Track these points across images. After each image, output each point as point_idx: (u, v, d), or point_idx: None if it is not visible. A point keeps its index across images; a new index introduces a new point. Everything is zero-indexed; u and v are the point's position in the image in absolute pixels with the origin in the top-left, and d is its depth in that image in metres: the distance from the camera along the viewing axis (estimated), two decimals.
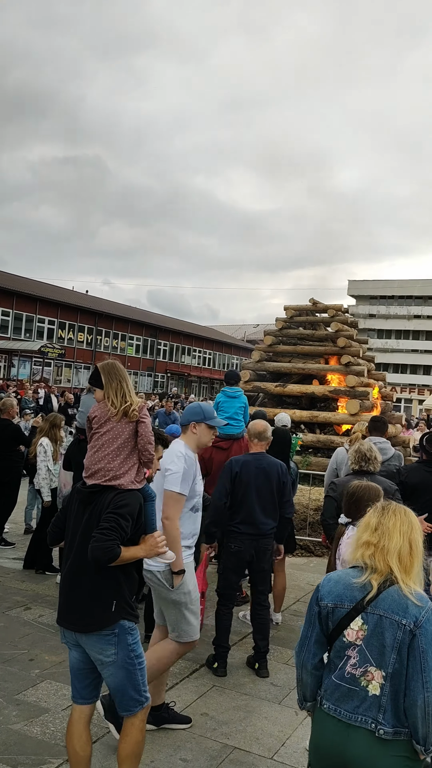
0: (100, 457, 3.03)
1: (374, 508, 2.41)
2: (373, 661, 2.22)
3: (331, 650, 2.34)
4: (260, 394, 13.12)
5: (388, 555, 2.26)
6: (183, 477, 3.78)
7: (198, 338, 59.00)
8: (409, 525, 2.31)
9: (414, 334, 59.90)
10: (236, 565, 4.87)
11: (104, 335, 47.58)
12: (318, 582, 2.45)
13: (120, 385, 3.13)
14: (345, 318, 13.71)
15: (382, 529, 2.31)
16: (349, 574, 2.34)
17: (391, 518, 2.32)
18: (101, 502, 2.97)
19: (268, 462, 4.90)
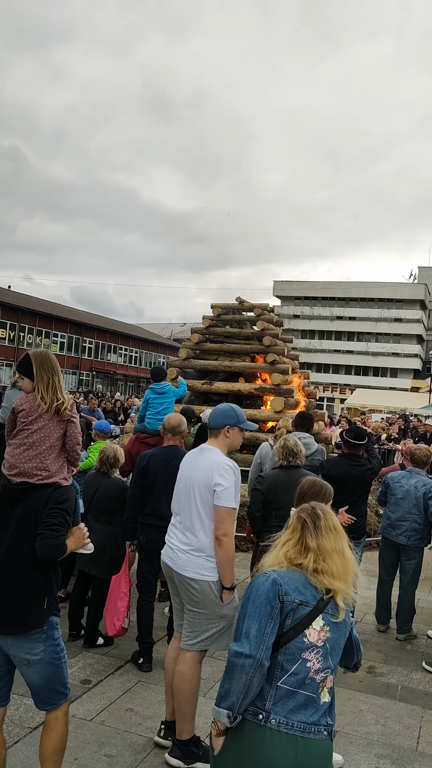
0: (31, 456, 2.94)
1: (302, 523, 2.30)
2: (332, 665, 2.17)
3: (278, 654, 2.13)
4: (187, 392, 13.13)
5: (336, 578, 2.21)
6: (235, 491, 3.61)
7: (124, 336, 58.46)
8: (339, 538, 2.28)
9: (336, 335, 61.56)
10: (148, 556, 4.87)
11: (27, 332, 46.36)
12: (244, 577, 2.41)
13: (51, 380, 3.03)
14: (271, 317, 13.93)
15: (323, 553, 2.23)
16: (299, 574, 2.23)
17: (326, 538, 2.25)
18: (35, 499, 2.89)
19: (178, 454, 4.92)
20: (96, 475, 5.41)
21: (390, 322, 59.53)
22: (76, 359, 51.18)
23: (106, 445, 5.64)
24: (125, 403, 23.76)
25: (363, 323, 60.39)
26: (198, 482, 3.66)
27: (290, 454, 5.13)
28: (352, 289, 61.00)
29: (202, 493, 3.64)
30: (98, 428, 6.77)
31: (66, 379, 52.20)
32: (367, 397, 39.46)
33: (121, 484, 5.39)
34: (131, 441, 6.73)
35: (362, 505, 5.84)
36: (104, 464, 5.36)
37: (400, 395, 42.17)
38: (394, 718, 4.34)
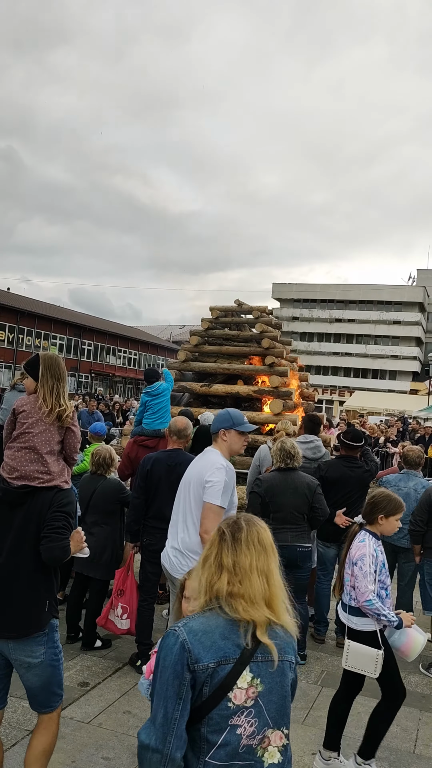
0: (32, 459, 2.91)
1: (221, 536, 1.91)
2: (272, 722, 1.77)
3: (200, 726, 1.74)
4: (185, 394, 13.16)
5: (257, 606, 1.82)
6: (224, 490, 3.63)
7: (123, 338, 58.48)
8: (264, 555, 1.88)
9: (335, 337, 61.58)
10: (150, 558, 4.88)
11: (26, 334, 46.36)
12: None
13: (56, 385, 3.02)
14: (269, 319, 13.94)
15: (240, 572, 1.84)
16: (216, 619, 1.80)
17: (245, 554, 1.86)
18: (37, 502, 2.88)
19: (182, 458, 4.94)
20: (91, 477, 5.42)
21: (389, 325, 59.58)
22: (75, 361, 51.17)
23: (99, 447, 5.64)
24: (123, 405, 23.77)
25: (362, 326, 60.42)
26: (193, 480, 3.74)
27: (288, 456, 5.15)
28: (350, 292, 61.04)
29: (195, 491, 3.70)
30: (93, 430, 6.78)
31: None
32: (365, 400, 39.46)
33: (116, 484, 5.40)
34: (129, 444, 6.74)
35: (360, 507, 5.83)
36: (100, 466, 5.36)
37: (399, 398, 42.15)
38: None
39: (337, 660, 5.35)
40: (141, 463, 5.01)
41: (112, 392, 45.68)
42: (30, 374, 3.05)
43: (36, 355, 3.10)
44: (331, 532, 5.65)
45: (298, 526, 5.04)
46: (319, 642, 5.66)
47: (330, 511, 5.37)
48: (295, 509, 5.03)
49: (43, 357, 3.07)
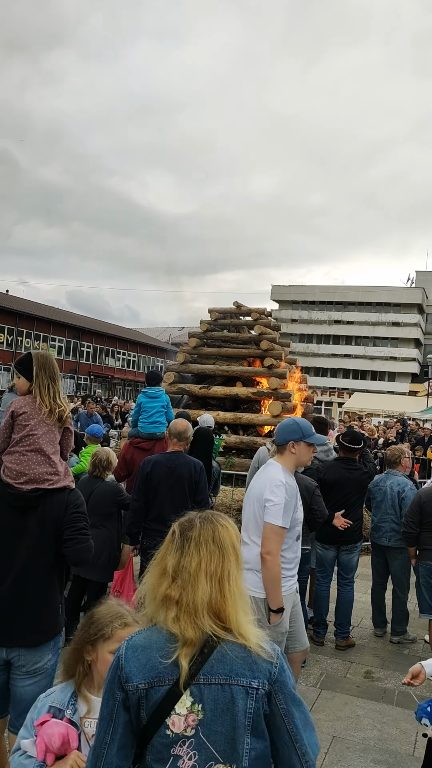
0: (40, 461, 2.83)
1: (171, 535, 1.69)
2: (220, 755, 1.51)
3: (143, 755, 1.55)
4: (184, 396, 13.15)
5: (196, 616, 1.55)
6: (285, 509, 3.47)
7: (122, 340, 58.46)
8: (219, 556, 1.61)
9: (334, 339, 61.61)
10: (150, 560, 4.87)
11: (25, 336, 46.35)
12: None
13: (52, 386, 2.94)
14: (268, 321, 13.96)
15: (183, 575, 1.59)
16: (158, 633, 1.59)
17: (193, 555, 1.60)
18: (50, 505, 2.81)
19: (181, 461, 4.93)
20: (89, 479, 5.41)
21: (388, 326, 59.60)
22: (74, 363, 51.15)
23: (99, 449, 5.64)
24: (123, 407, 23.76)
25: (361, 327, 60.44)
26: (255, 496, 3.63)
27: None
28: (349, 293, 61.08)
29: (255, 508, 3.61)
30: (90, 432, 6.78)
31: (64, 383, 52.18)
32: (365, 401, 39.46)
33: (114, 486, 5.39)
34: (126, 446, 6.74)
35: (358, 509, 5.84)
36: (97, 467, 5.35)
37: (398, 399, 42.16)
38: (390, 723, 4.33)
39: (336, 662, 5.34)
40: (141, 465, 5.00)
41: (110, 394, 45.66)
42: (23, 374, 2.95)
43: (28, 354, 3.00)
44: (330, 534, 5.65)
45: None
46: (319, 644, 5.65)
47: (328, 513, 5.36)
48: None
49: (36, 356, 2.97)
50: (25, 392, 2.95)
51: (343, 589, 5.81)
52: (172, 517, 4.89)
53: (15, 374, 3.05)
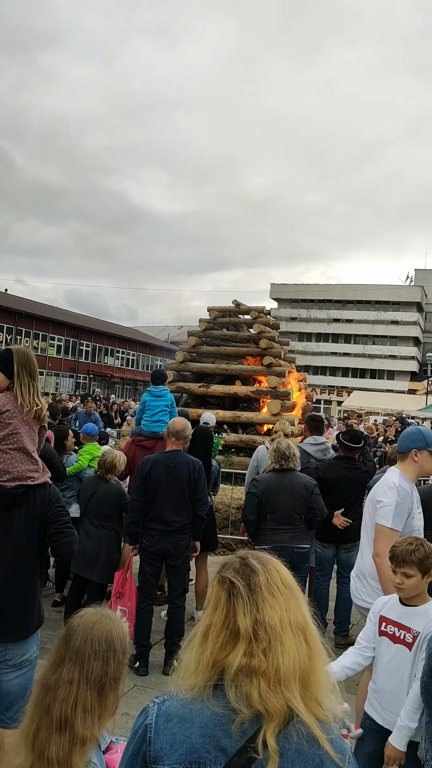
0: (23, 459, 2.87)
1: (226, 587, 1.29)
2: None
3: None
4: (183, 395, 13.14)
5: (284, 685, 1.20)
6: (395, 510, 3.45)
7: (121, 339, 58.45)
8: (296, 602, 1.29)
9: (333, 338, 61.62)
10: (149, 559, 4.89)
11: (24, 335, 46.32)
12: None
13: (32, 384, 2.95)
14: (267, 320, 13.95)
15: (268, 635, 1.22)
16: (204, 709, 1.23)
17: (272, 605, 1.25)
18: (34, 500, 2.87)
19: (180, 460, 4.93)
20: (94, 479, 5.42)
21: (387, 325, 59.62)
22: (73, 362, 51.14)
23: (108, 449, 5.66)
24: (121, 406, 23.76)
25: (360, 326, 60.46)
26: (369, 500, 3.68)
27: (282, 457, 5.12)
28: (348, 292, 61.08)
29: (370, 511, 3.64)
30: (85, 431, 6.79)
31: (63, 382, 52.19)
32: (364, 400, 39.50)
33: (117, 489, 5.39)
34: (128, 444, 6.75)
35: (358, 507, 5.83)
36: (101, 468, 5.36)
37: (397, 397, 42.19)
38: None
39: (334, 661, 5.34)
40: (140, 464, 5.01)
41: (109, 393, 45.66)
42: (1, 370, 2.92)
43: (8, 350, 2.98)
44: (330, 532, 5.65)
45: (296, 527, 5.03)
46: None
47: (328, 511, 5.36)
48: (293, 510, 5.02)
49: (16, 352, 2.95)
50: (3, 389, 2.93)
51: (342, 587, 5.81)
52: (172, 515, 4.90)
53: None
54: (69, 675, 1.43)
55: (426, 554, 2.76)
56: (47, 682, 1.47)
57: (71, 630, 1.51)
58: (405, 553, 2.76)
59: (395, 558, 2.79)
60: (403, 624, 2.83)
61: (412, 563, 2.74)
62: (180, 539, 4.87)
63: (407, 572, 2.75)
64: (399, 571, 2.78)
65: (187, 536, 4.95)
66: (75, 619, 1.53)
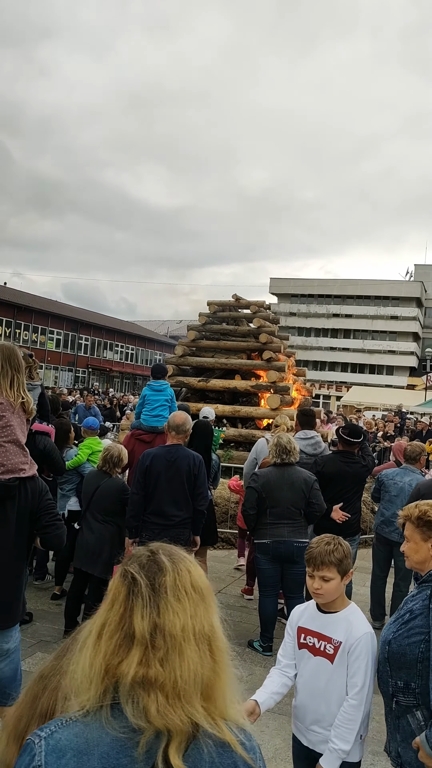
0: (15, 452, 2.92)
1: (126, 582, 1.15)
2: None
3: None
4: (183, 389, 13.14)
5: (184, 699, 1.08)
6: None
7: (120, 333, 58.38)
8: (205, 608, 1.15)
9: (332, 333, 61.57)
10: None
11: (23, 329, 46.26)
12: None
13: (16, 378, 2.98)
14: (267, 314, 13.94)
15: (167, 642, 1.09)
16: (102, 734, 1.06)
17: (176, 610, 1.11)
18: (27, 492, 2.92)
19: (180, 454, 4.94)
20: (97, 473, 5.41)
21: (386, 320, 59.57)
22: (72, 356, 51.10)
23: (112, 444, 5.65)
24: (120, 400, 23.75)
25: (359, 321, 60.41)
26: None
27: (284, 451, 5.14)
28: (348, 287, 61.00)
29: None
30: (86, 425, 6.78)
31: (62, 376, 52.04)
32: (362, 395, 39.50)
33: (120, 484, 5.38)
34: (127, 438, 6.75)
35: (356, 502, 5.85)
36: (107, 463, 5.34)
37: (396, 393, 42.19)
38: None
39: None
40: (140, 458, 5.01)
41: (108, 387, 45.64)
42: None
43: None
44: (328, 527, 5.65)
45: (295, 521, 5.04)
46: None
47: (327, 506, 5.37)
48: (292, 504, 5.03)
49: (1, 348, 3.00)
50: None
51: None
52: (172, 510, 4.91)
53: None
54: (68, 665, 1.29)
55: (345, 554, 2.59)
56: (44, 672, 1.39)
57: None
58: (323, 554, 2.56)
59: (312, 560, 2.58)
60: (324, 634, 2.60)
61: (331, 565, 2.54)
62: (180, 533, 4.87)
63: (326, 575, 2.55)
64: (317, 575, 2.56)
65: (187, 530, 4.96)
66: None
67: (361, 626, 2.58)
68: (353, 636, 2.53)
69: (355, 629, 2.56)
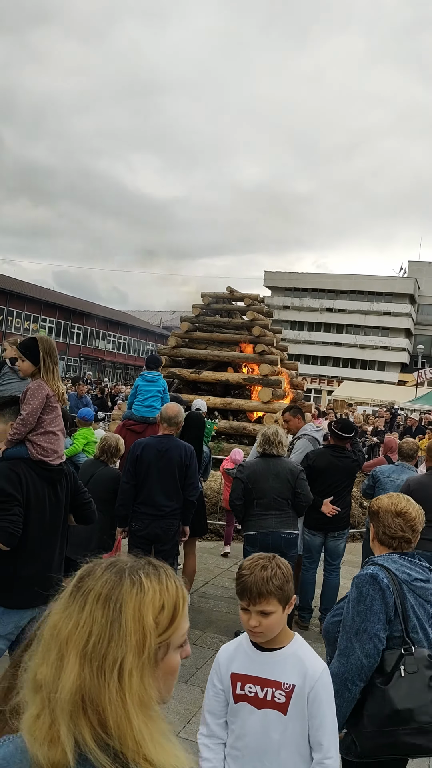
0: (60, 439, 3.26)
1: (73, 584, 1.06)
2: None
3: None
4: (175, 380, 13.14)
5: (62, 713, 0.92)
6: None
7: (113, 323, 58.22)
8: (105, 630, 0.97)
9: (326, 327, 61.65)
10: (138, 543, 4.92)
11: (15, 316, 46.04)
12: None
13: (56, 370, 3.26)
14: (261, 307, 13.93)
15: (51, 642, 0.99)
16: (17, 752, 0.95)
17: (72, 614, 0.99)
18: (66, 476, 3.30)
19: (171, 445, 4.94)
20: (93, 462, 5.41)
21: (379, 316, 59.72)
22: (64, 345, 50.93)
23: (109, 434, 5.65)
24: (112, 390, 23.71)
25: (352, 316, 60.52)
26: None
27: (267, 442, 5.13)
28: (342, 282, 61.07)
29: None
30: (80, 415, 6.78)
31: None
32: (354, 390, 39.61)
33: (115, 473, 5.38)
34: (118, 428, 6.76)
35: (347, 496, 5.89)
36: (105, 452, 5.34)
37: (387, 388, 42.33)
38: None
39: (321, 647, 5.39)
40: (131, 448, 5.02)
41: (100, 376, 45.55)
42: (28, 358, 3.21)
43: (33, 339, 3.26)
44: (318, 520, 5.69)
45: (283, 512, 5.06)
46: (304, 629, 5.71)
47: (318, 499, 5.40)
48: (278, 495, 5.04)
49: (41, 341, 3.24)
50: (28, 374, 3.25)
51: (329, 575, 5.87)
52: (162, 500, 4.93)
53: (19, 357, 3.33)
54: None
55: (285, 577, 2.04)
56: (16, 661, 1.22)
57: None
58: (259, 582, 1.99)
59: (246, 592, 2.00)
60: (269, 678, 2.02)
61: (270, 595, 1.99)
62: (170, 524, 4.89)
63: (265, 609, 1.99)
64: (253, 610, 2.00)
65: (177, 521, 4.97)
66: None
67: (316, 662, 2.05)
68: (310, 676, 1.99)
69: (311, 667, 2.01)
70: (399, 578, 2.37)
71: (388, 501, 2.52)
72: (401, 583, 2.36)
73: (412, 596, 2.37)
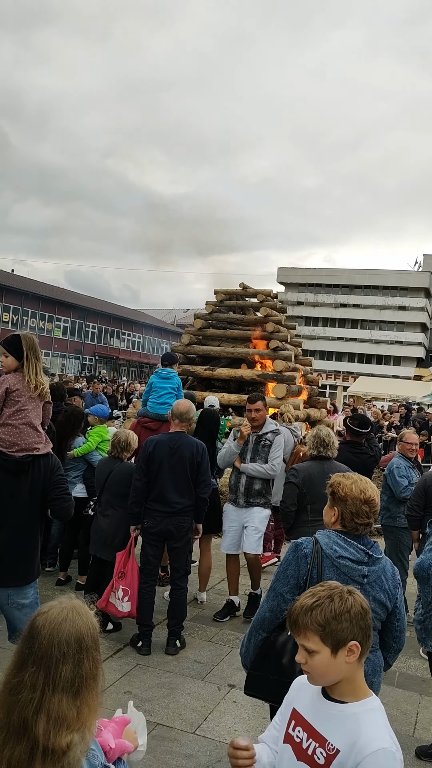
0: (29, 432, 3.32)
1: None
2: None
3: None
4: (189, 378, 13.13)
5: None
6: None
7: (127, 321, 58.37)
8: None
9: (340, 322, 61.35)
10: (151, 540, 4.90)
11: (30, 316, 46.30)
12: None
13: (37, 365, 3.36)
14: (274, 303, 13.88)
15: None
16: None
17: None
18: (40, 467, 3.33)
19: (183, 442, 4.91)
20: (109, 459, 5.41)
21: (394, 310, 59.30)
22: (78, 344, 51.15)
23: (119, 430, 5.65)
24: (127, 388, 23.78)
25: (367, 311, 60.16)
26: None
27: (321, 444, 4.91)
28: (356, 277, 60.70)
29: None
30: (94, 412, 6.77)
31: (69, 363, 51.99)
32: (369, 385, 39.36)
33: (131, 468, 5.37)
34: (133, 425, 6.76)
35: None
36: (115, 448, 5.34)
37: (403, 383, 42.05)
38: (391, 704, 4.35)
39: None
40: (143, 445, 5.01)
41: (116, 375, 45.70)
42: (11, 353, 3.35)
43: (17, 335, 3.41)
44: None
45: None
46: None
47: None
48: None
49: (24, 337, 3.39)
50: (11, 370, 3.36)
51: None
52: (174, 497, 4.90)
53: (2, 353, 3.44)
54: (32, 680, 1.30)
55: (335, 613, 1.63)
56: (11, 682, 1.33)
57: (35, 630, 1.36)
58: (297, 611, 1.68)
59: (288, 615, 1.74)
60: (317, 730, 1.68)
61: (307, 629, 1.65)
62: (182, 521, 4.87)
63: (304, 644, 1.66)
64: (299, 642, 1.70)
65: (189, 518, 4.95)
66: (39, 617, 1.38)
67: (376, 735, 1.61)
68: (360, 748, 1.59)
69: (366, 738, 1.60)
70: (324, 552, 2.47)
71: (356, 488, 2.51)
72: (324, 557, 2.47)
73: (334, 571, 2.43)
